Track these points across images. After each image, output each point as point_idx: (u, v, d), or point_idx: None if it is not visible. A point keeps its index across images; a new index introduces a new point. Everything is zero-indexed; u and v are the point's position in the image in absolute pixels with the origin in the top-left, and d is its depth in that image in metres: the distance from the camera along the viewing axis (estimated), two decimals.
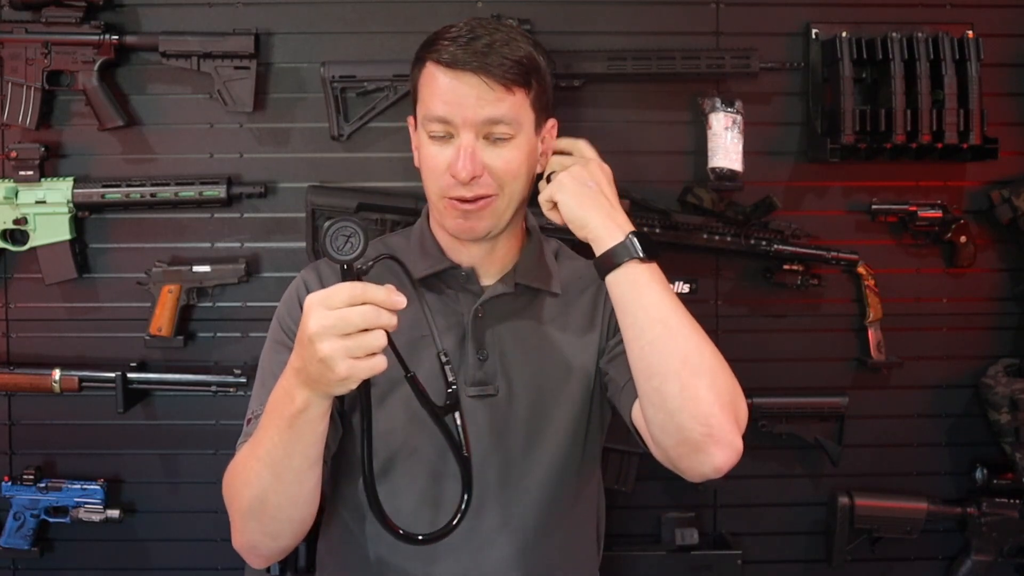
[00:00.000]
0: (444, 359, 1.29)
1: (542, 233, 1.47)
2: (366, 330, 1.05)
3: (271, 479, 1.18)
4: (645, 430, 1.26)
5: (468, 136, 1.27)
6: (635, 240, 1.22)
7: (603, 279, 1.24)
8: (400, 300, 1.07)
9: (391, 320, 1.06)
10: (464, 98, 1.26)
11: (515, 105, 1.28)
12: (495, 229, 1.33)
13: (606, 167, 1.33)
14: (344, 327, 1.04)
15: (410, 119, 1.40)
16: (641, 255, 1.21)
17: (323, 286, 1.34)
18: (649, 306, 1.21)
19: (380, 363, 1.07)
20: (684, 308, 1.23)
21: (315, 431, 1.16)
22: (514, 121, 1.29)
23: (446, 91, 1.27)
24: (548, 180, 1.35)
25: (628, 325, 1.22)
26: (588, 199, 1.27)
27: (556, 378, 1.38)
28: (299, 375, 1.11)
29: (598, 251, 1.25)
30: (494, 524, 1.31)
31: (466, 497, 1.25)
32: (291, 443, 1.16)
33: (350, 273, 1.08)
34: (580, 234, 1.27)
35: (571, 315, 1.41)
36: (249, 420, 1.32)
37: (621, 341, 1.27)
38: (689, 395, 1.17)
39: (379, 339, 1.06)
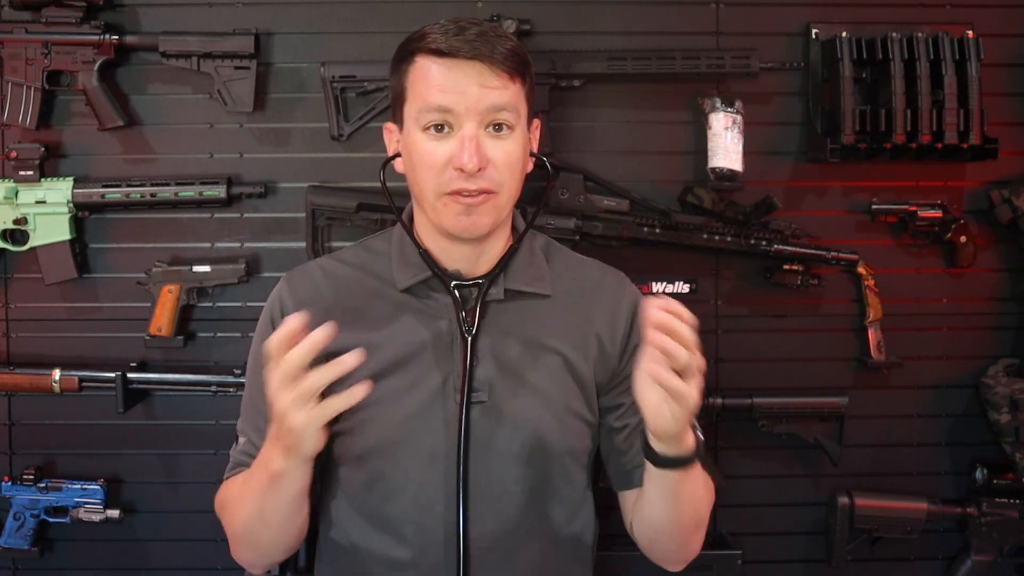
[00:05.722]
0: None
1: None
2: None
3: (259, 521, 1.25)
4: (630, 514, 1.39)
5: (471, 125, 1.22)
6: (703, 449, 1.24)
7: (654, 465, 1.23)
8: (328, 331, 1.07)
9: (347, 365, 1.08)
10: (466, 86, 1.21)
11: (516, 94, 1.25)
12: (494, 226, 1.31)
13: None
14: (306, 391, 1.09)
15: (388, 125, 1.35)
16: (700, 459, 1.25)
17: (295, 301, 1.32)
18: (691, 499, 1.28)
19: (340, 401, 1.10)
20: (702, 477, 1.29)
21: (298, 487, 1.21)
22: (515, 110, 1.25)
23: (445, 80, 1.22)
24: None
25: (660, 506, 1.29)
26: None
27: (547, 384, 1.33)
28: (275, 443, 1.16)
29: (662, 450, 1.20)
30: (482, 530, 1.30)
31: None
32: (274, 496, 1.21)
33: None
34: (659, 436, 1.19)
35: (563, 317, 1.36)
36: (237, 439, 1.38)
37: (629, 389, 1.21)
38: (685, 551, 1.36)
39: (318, 380, 1.08)
